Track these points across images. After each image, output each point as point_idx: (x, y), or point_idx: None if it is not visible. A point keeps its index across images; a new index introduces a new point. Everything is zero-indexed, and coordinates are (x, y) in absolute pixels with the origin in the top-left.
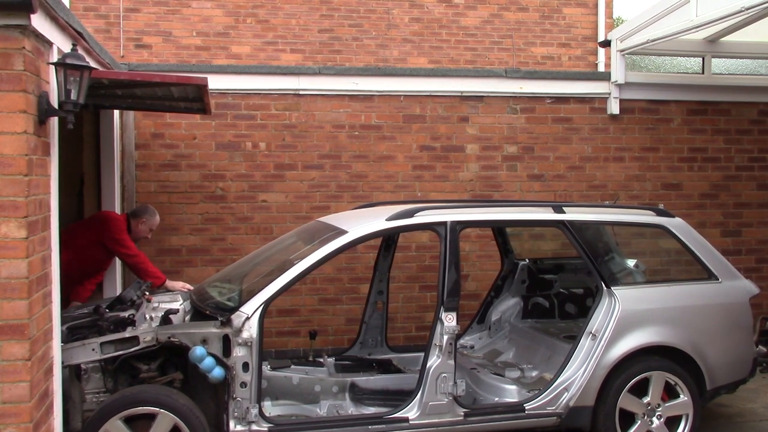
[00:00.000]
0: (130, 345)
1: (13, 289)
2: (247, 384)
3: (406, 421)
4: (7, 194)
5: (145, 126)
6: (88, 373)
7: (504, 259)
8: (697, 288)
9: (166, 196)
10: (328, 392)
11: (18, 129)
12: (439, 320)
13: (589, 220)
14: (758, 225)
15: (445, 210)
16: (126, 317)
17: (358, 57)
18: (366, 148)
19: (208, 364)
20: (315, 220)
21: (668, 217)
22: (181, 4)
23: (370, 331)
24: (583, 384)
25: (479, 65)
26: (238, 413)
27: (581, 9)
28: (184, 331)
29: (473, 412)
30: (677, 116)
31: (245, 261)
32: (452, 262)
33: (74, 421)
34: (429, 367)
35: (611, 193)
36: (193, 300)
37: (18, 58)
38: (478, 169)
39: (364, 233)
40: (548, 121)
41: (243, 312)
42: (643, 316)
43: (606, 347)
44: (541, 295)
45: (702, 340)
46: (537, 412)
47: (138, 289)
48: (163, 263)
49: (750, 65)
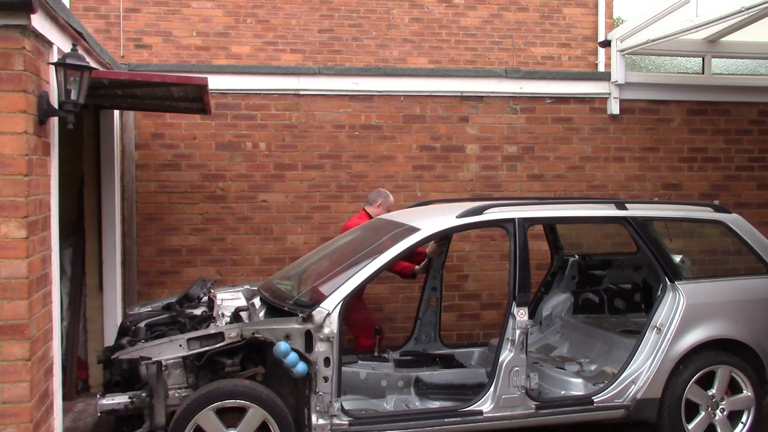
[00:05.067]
0: (216, 341)
1: (13, 289)
2: (328, 378)
3: (480, 414)
4: (7, 194)
5: (145, 126)
6: (169, 369)
7: (554, 256)
8: (757, 282)
9: (166, 196)
10: (394, 387)
11: (18, 129)
12: (511, 315)
13: (651, 216)
14: (758, 225)
15: (513, 207)
16: (203, 314)
17: (358, 57)
18: (366, 148)
19: (293, 359)
20: (377, 218)
21: (725, 212)
22: (181, 4)
23: (424, 327)
24: (650, 377)
25: (479, 65)
26: (321, 407)
27: (581, 9)
28: (269, 327)
29: (544, 405)
30: (677, 116)
31: (307, 258)
32: (522, 259)
33: (158, 416)
34: (502, 361)
35: (611, 193)
36: (266, 297)
37: (18, 58)
38: (478, 169)
39: (436, 230)
40: (548, 121)
41: (324, 308)
42: (707, 310)
43: (672, 341)
44: (591, 291)
45: (762, 334)
46: (605, 404)
47: (204, 287)
48: (163, 263)
49: (750, 65)
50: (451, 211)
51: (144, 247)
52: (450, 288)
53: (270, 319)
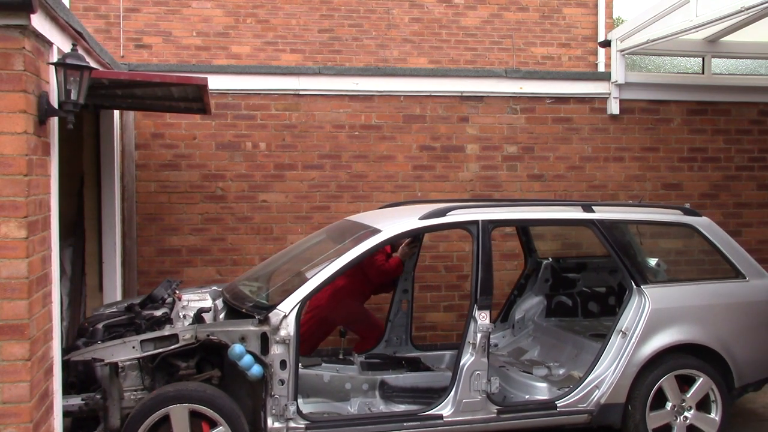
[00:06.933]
0: (170, 343)
1: (13, 289)
2: (284, 381)
3: (440, 418)
4: (7, 194)
5: (145, 126)
6: (125, 370)
7: (527, 258)
8: (725, 286)
9: (166, 196)
10: (359, 390)
11: (18, 129)
12: (472, 318)
13: (618, 219)
14: (758, 225)
15: (477, 209)
16: (162, 316)
17: (358, 57)
18: (366, 148)
19: (248, 362)
20: (344, 219)
21: (695, 216)
22: (181, 4)
23: (395, 329)
24: (614, 381)
25: (479, 65)
26: (276, 410)
27: (581, 9)
28: (224, 329)
29: (506, 409)
30: (677, 116)
31: (274, 260)
32: (485, 261)
33: (113, 418)
34: (463, 364)
35: (611, 193)
36: (227, 298)
37: (18, 58)
38: (478, 169)
39: (397, 232)
40: (548, 121)
41: (280, 310)
42: (673, 314)
43: (636, 345)
44: (564, 294)
45: (730, 338)
46: (569, 409)
47: (168, 288)
48: (163, 263)
49: (750, 65)
50: (417, 212)
51: (144, 247)
52: (450, 288)
53: (226, 321)
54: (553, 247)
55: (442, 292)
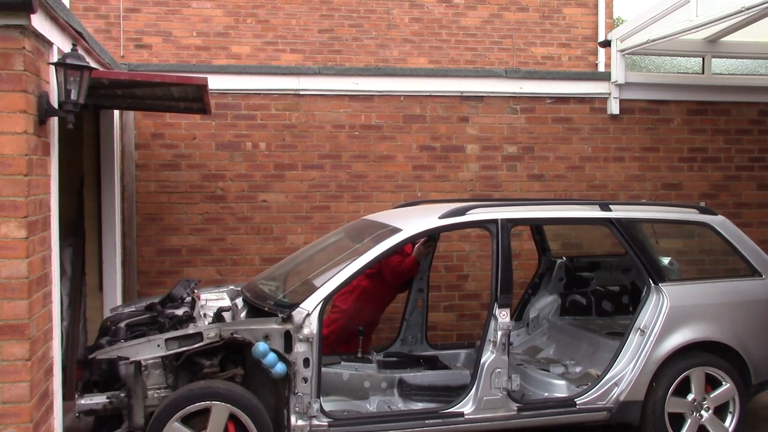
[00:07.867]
0: (194, 341)
1: (13, 289)
2: (308, 379)
3: (461, 415)
4: (7, 194)
5: (145, 126)
6: (149, 369)
7: (541, 257)
8: (742, 284)
9: (166, 196)
10: (377, 388)
11: (18, 129)
12: (493, 316)
13: (636, 217)
14: (758, 225)
15: (496, 208)
16: (183, 314)
17: (358, 57)
18: (366, 148)
19: (272, 360)
20: (361, 218)
21: (711, 214)
22: (181, 4)
23: (410, 328)
24: (633, 379)
25: (479, 65)
26: (300, 408)
27: (581, 9)
28: (247, 328)
29: (526, 406)
30: (677, 116)
31: (292, 258)
32: (504, 259)
33: (137, 417)
34: (483, 362)
35: (611, 193)
36: (248, 297)
37: (18, 58)
38: (478, 169)
39: (418, 231)
40: (548, 121)
41: (303, 308)
42: (690, 312)
43: (655, 343)
44: (578, 293)
45: (747, 336)
46: (588, 406)
47: (187, 287)
48: (163, 263)
49: (750, 65)
50: (435, 211)
51: (144, 247)
52: (450, 288)
53: (249, 320)
54: (553, 247)
55: (442, 292)
